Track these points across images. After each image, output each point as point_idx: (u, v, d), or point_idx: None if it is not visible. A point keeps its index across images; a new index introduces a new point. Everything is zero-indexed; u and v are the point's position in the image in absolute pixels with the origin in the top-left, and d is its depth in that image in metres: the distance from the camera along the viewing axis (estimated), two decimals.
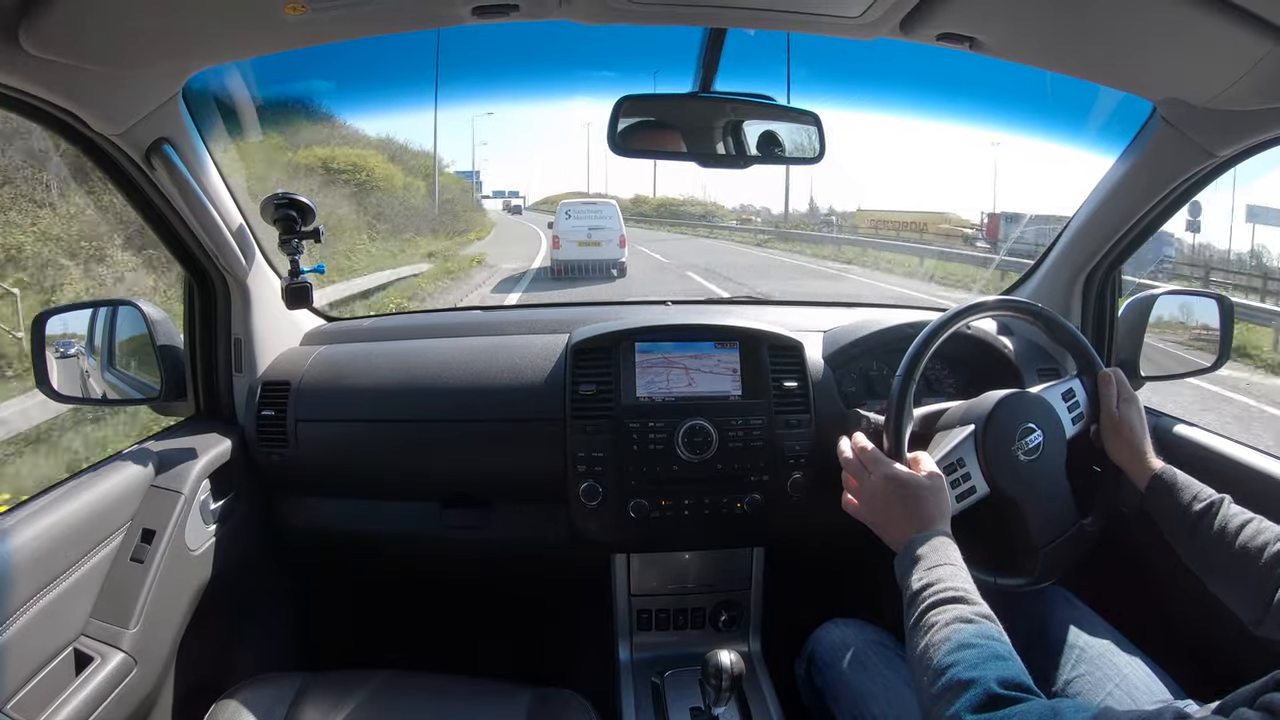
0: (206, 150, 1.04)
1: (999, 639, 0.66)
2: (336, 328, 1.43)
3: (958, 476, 0.92)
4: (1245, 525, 0.81)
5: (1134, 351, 1.24)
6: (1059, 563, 0.95)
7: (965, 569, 0.76)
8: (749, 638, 1.30)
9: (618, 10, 0.82)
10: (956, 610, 0.69)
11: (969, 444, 0.93)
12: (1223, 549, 0.81)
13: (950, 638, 0.66)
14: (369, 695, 0.97)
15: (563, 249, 10.86)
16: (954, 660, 0.64)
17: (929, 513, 0.83)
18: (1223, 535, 0.82)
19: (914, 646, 0.70)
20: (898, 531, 0.83)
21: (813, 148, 1.10)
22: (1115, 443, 0.96)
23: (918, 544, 0.78)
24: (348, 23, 0.82)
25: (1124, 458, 0.95)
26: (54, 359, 1.08)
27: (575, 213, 11.21)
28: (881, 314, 1.31)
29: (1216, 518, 0.83)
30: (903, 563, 0.79)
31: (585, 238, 10.90)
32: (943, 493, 0.86)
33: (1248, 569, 0.79)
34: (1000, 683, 0.60)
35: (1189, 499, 0.86)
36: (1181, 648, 0.98)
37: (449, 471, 1.23)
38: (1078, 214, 1.25)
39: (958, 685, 0.62)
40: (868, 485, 0.89)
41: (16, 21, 0.66)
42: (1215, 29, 0.70)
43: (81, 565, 0.89)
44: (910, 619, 0.73)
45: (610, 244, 10.90)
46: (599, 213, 11.26)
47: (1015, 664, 0.63)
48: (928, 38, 0.82)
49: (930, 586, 0.73)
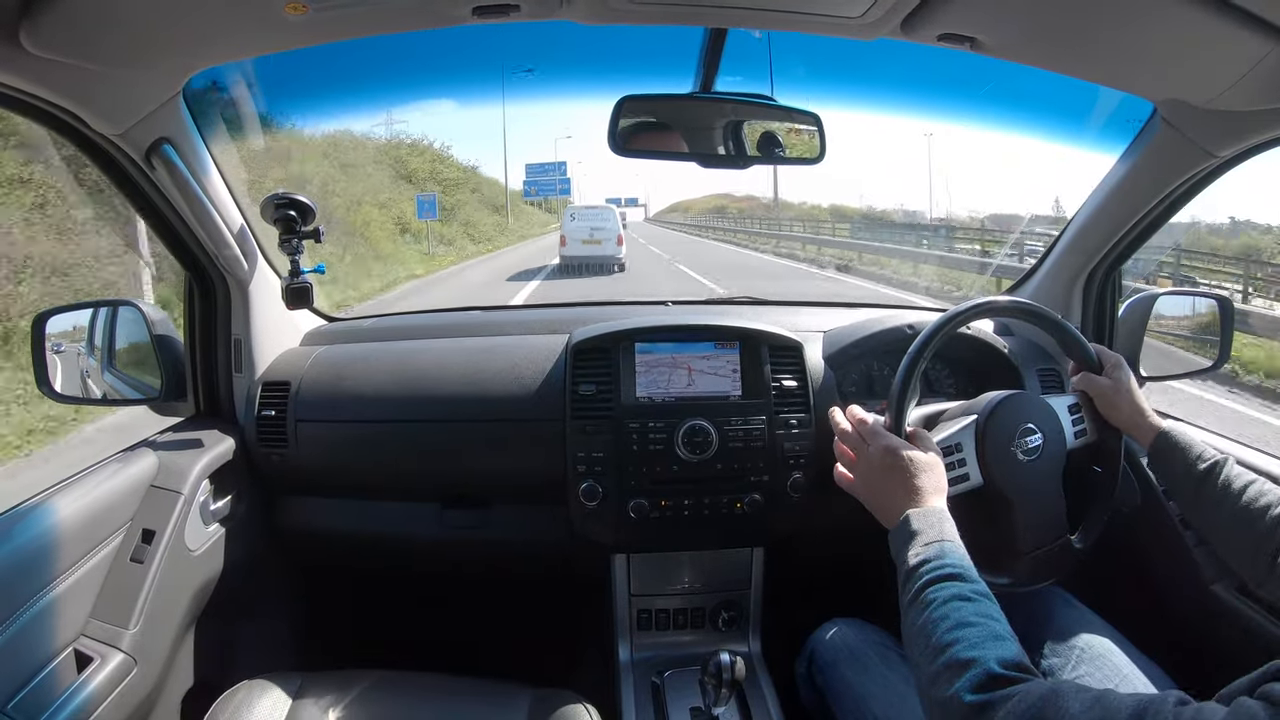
0: (207, 150, 1.04)
1: (998, 618, 0.65)
2: (336, 328, 1.44)
3: (953, 460, 0.92)
4: (1249, 486, 0.82)
5: (1134, 352, 1.25)
6: (1044, 571, 0.94)
7: (962, 545, 0.74)
8: (749, 638, 1.30)
9: (618, 10, 0.82)
10: (955, 587, 0.68)
11: (969, 432, 0.93)
12: (1225, 508, 0.82)
13: (949, 615, 0.65)
14: (369, 695, 0.97)
15: (568, 246, 12.92)
16: (953, 639, 0.63)
17: (925, 487, 0.81)
18: (1226, 494, 0.83)
19: (910, 623, 0.69)
20: (893, 505, 0.81)
21: (813, 148, 1.10)
22: (1114, 408, 0.95)
23: (914, 519, 0.77)
24: (348, 22, 0.82)
25: (1125, 419, 0.95)
26: (54, 359, 1.08)
27: (579, 216, 13.47)
28: (882, 314, 1.31)
29: (1220, 477, 0.84)
30: (898, 538, 0.77)
31: (588, 236, 12.88)
32: (940, 470, 0.85)
33: (1251, 528, 0.79)
34: (1000, 663, 0.59)
35: (1193, 457, 0.87)
36: (1181, 648, 0.98)
37: (448, 472, 1.23)
38: (1078, 214, 1.25)
39: (957, 664, 0.61)
40: (864, 457, 0.87)
41: (17, 21, 0.66)
42: (1215, 29, 0.70)
43: (81, 565, 0.89)
44: (906, 595, 0.71)
45: (609, 242, 12.86)
46: (599, 215, 13.46)
47: (1015, 644, 0.63)
48: (928, 38, 0.82)
49: (928, 562, 0.71)
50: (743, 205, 41.40)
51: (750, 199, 41.37)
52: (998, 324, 1.34)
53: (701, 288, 11.31)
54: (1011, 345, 1.26)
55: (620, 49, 8.43)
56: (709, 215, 44.18)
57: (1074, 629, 0.95)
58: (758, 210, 38.00)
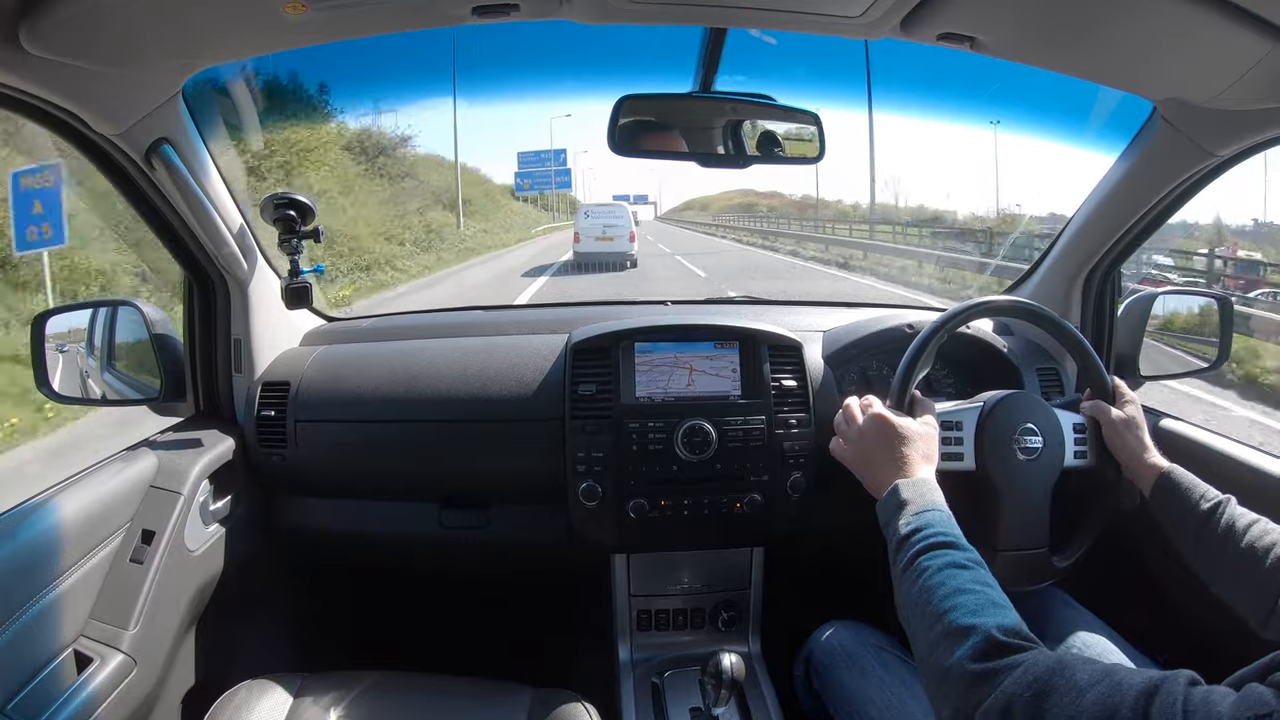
0: (206, 150, 1.04)
1: (994, 586, 0.65)
2: (336, 328, 1.43)
3: (951, 437, 0.92)
4: (1251, 526, 0.80)
5: (1133, 351, 1.25)
6: (1014, 574, 0.93)
7: (952, 515, 0.74)
8: (749, 638, 1.30)
9: (618, 10, 0.82)
10: (949, 555, 0.67)
11: (973, 414, 0.94)
12: (1229, 549, 0.80)
13: (945, 583, 0.64)
14: (368, 695, 0.97)
15: (582, 243, 13.30)
16: (951, 605, 0.62)
17: (913, 455, 0.81)
18: (1229, 535, 0.81)
19: (905, 591, 0.68)
20: (881, 473, 0.81)
21: (813, 148, 1.10)
22: (1120, 440, 0.95)
23: (903, 489, 0.77)
24: (347, 22, 0.82)
25: (1128, 454, 0.94)
26: (54, 359, 1.08)
27: (592, 214, 13.88)
28: (881, 314, 1.31)
29: (1223, 518, 0.82)
30: (886, 507, 0.77)
31: (601, 233, 13.29)
32: (933, 439, 0.85)
33: (1255, 570, 0.78)
34: (1001, 630, 0.58)
35: (1195, 499, 0.85)
36: (1181, 648, 0.98)
37: (448, 472, 1.23)
38: (1077, 214, 1.25)
39: (957, 631, 0.60)
40: (857, 426, 0.88)
41: (16, 21, 0.66)
42: (1215, 29, 0.70)
43: (81, 566, 0.89)
44: (899, 564, 0.70)
45: (621, 239, 13.30)
46: (612, 213, 13.92)
47: (1013, 612, 0.62)
48: (928, 37, 0.82)
49: (920, 531, 0.71)
50: (773, 203, 36.72)
51: (775, 195, 37.42)
52: (997, 324, 1.34)
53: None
54: (1011, 345, 1.26)
55: (620, 49, 8.48)
56: (733, 213, 39.88)
57: (1072, 628, 0.95)
58: (789, 208, 33.35)
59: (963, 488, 0.90)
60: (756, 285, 12.08)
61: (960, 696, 0.57)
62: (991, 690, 0.55)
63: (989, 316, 1.07)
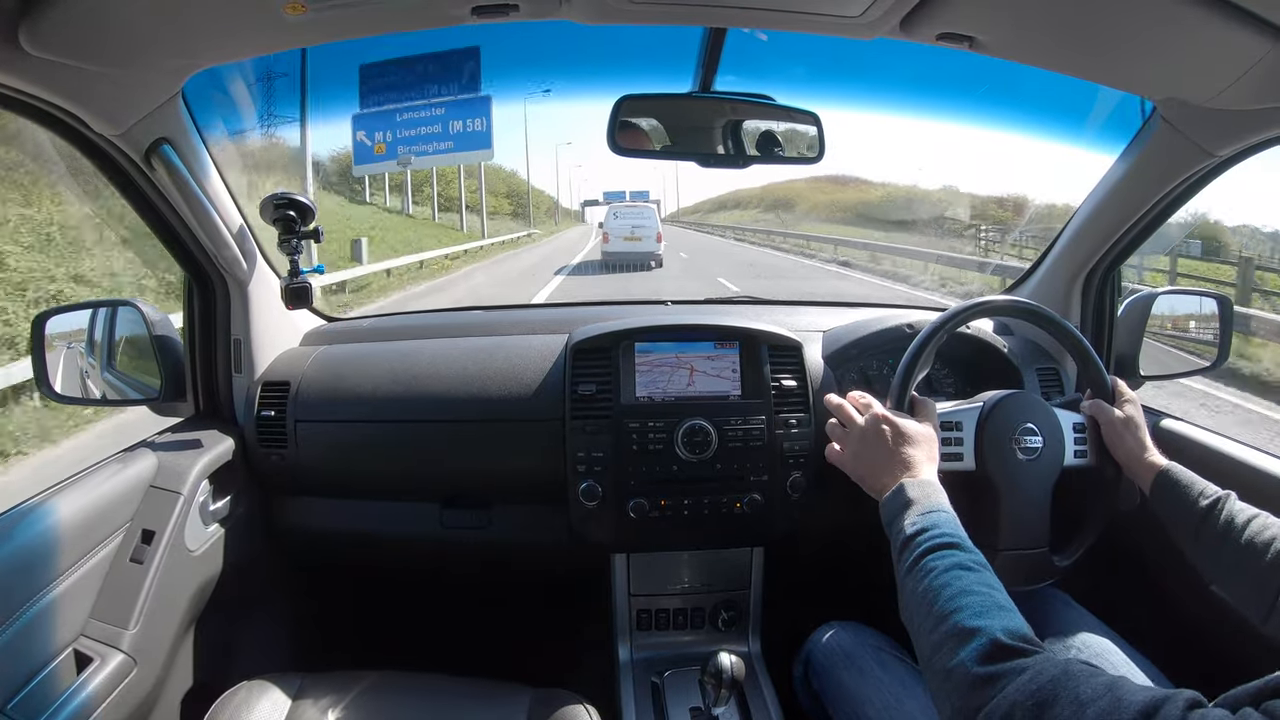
0: (206, 150, 1.04)
1: (999, 589, 0.64)
2: (336, 328, 1.43)
3: (950, 438, 0.92)
4: (1251, 521, 0.80)
5: (1133, 350, 1.25)
6: (1015, 574, 0.92)
7: (957, 517, 0.73)
8: (749, 638, 1.30)
9: (618, 10, 0.82)
10: (955, 556, 0.67)
11: (972, 415, 0.94)
12: (1228, 546, 0.80)
13: (950, 584, 0.64)
14: (368, 695, 0.97)
15: (611, 243, 13.86)
16: (956, 606, 0.62)
17: (917, 456, 0.80)
18: (1229, 532, 0.81)
19: (909, 591, 0.68)
20: (883, 474, 0.80)
21: (813, 147, 1.10)
22: (1119, 439, 0.95)
23: (909, 488, 0.76)
24: (347, 22, 0.82)
25: (1127, 453, 0.94)
26: (54, 359, 1.08)
27: (621, 214, 14.42)
28: (881, 314, 1.31)
29: (1222, 514, 0.82)
30: (891, 506, 0.76)
31: (629, 234, 13.90)
32: (933, 441, 0.84)
33: (1254, 565, 0.78)
34: (1006, 633, 0.58)
35: (1194, 496, 0.85)
36: (1181, 648, 0.98)
37: (448, 472, 1.23)
38: (1077, 213, 1.25)
39: (962, 633, 0.59)
40: (856, 428, 0.87)
41: (16, 21, 0.66)
42: (1215, 29, 0.70)
43: (81, 565, 0.89)
44: (904, 564, 0.70)
45: (649, 239, 13.91)
46: (640, 214, 14.53)
47: (1018, 616, 0.61)
48: (927, 37, 0.82)
49: (925, 531, 0.71)
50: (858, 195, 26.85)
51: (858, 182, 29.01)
52: (997, 323, 1.34)
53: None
54: (1011, 345, 1.26)
55: (620, 49, 8.48)
56: (768, 211, 32.74)
57: (1073, 629, 0.95)
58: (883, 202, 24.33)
59: (963, 488, 0.90)
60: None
61: (962, 698, 0.57)
62: (994, 694, 0.55)
63: (989, 316, 1.07)
